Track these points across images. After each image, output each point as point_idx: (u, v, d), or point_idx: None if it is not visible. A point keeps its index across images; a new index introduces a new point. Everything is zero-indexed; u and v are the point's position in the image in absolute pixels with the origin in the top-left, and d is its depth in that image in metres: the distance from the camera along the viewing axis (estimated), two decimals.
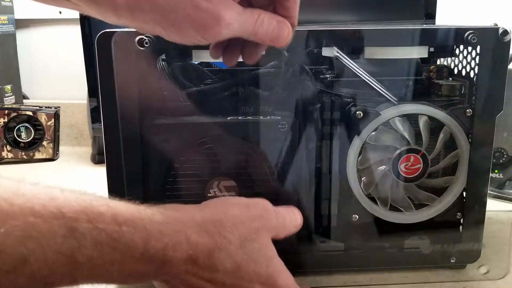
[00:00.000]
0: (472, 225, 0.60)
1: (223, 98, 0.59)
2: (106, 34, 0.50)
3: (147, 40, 0.50)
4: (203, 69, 0.62)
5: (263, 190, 0.58)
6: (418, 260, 0.61)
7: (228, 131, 0.56)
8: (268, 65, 0.61)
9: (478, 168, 0.58)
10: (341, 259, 0.60)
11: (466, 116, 0.57)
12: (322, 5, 0.84)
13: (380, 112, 0.56)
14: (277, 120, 0.56)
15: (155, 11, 0.39)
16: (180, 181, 0.56)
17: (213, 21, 0.40)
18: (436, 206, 0.60)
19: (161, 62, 0.57)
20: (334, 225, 0.62)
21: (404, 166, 0.57)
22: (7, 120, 1.12)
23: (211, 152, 0.56)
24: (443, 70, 0.65)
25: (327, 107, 0.58)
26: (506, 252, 0.66)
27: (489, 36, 0.54)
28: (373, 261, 0.60)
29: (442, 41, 0.55)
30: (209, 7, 0.39)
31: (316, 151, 0.58)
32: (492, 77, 0.55)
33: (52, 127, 1.14)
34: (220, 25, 0.40)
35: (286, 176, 0.57)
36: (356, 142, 0.57)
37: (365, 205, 0.59)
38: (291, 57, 0.57)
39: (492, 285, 0.58)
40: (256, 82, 0.60)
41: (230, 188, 0.57)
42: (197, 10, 0.39)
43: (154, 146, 0.55)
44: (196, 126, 0.56)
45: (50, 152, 1.15)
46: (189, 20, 0.40)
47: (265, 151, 0.56)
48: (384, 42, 0.54)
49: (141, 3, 0.39)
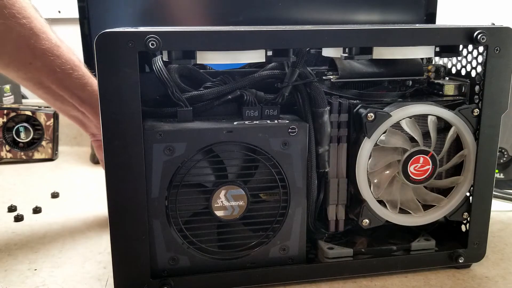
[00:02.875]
0: (478, 224, 0.60)
1: (226, 102, 0.56)
2: (106, 35, 0.46)
3: (153, 41, 0.46)
4: (202, 72, 0.59)
5: (272, 197, 0.56)
6: (426, 261, 0.60)
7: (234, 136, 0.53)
8: (269, 67, 0.59)
9: (485, 167, 0.58)
10: (350, 265, 0.58)
11: (474, 115, 0.56)
12: (322, 6, 0.83)
13: (390, 113, 0.55)
14: (286, 125, 0.54)
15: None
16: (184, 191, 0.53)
17: None
18: (444, 207, 0.59)
19: (158, 63, 0.54)
20: (343, 231, 0.60)
21: (414, 168, 0.56)
22: (6, 120, 1.12)
23: (217, 159, 0.53)
24: (440, 70, 0.65)
25: (335, 109, 0.56)
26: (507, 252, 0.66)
27: (499, 35, 0.54)
28: (382, 266, 0.59)
29: (450, 40, 0.54)
30: None
31: (325, 155, 0.56)
32: (500, 76, 0.55)
33: (51, 127, 1.13)
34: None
35: (297, 182, 0.55)
36: (366, 145, 0.55)
37: (376, 209, 0.57)
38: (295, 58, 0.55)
39: (492, 285, 0.58)
40: (259, 84, 0.57)
41: (238, 197, 0.54)
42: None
43: (155, 151, 0.51)
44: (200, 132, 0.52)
45: (49, 152, 1.14)
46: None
47: (275, 157, 0.54)
48: (393, 42, 0.53)
49: None
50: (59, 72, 0.63)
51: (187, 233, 0.54)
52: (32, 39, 0.60)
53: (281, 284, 0.57)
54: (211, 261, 0.55)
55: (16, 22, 0.58)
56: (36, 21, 0.60)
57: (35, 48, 0.60)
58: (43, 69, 0.62)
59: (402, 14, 0.80)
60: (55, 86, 0.64)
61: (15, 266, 0.62)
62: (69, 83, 0.64)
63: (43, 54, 0.61)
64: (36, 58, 0.61)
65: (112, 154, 0.50)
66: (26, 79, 0.64)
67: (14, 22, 0.58)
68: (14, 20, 0.58)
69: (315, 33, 0.52)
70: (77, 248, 0.67)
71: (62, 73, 0.63)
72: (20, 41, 0.59)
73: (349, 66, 0.60)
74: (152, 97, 0.56)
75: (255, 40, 0.51)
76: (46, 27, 0.62)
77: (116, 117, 0.49)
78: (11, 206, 0.81)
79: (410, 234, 0.62)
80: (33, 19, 0.60)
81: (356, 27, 0.54)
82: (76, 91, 0.65)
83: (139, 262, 0.53)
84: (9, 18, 0.57)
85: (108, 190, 0.51)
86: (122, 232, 0.52)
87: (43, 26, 0.61)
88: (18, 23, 0.58)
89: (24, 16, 0.59)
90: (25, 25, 0.59)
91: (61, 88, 0.64)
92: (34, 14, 0.60)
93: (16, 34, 0.59)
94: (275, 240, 0.56)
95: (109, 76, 0.47)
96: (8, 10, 0.57)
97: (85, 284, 0.58)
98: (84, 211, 0.81)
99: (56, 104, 0.68)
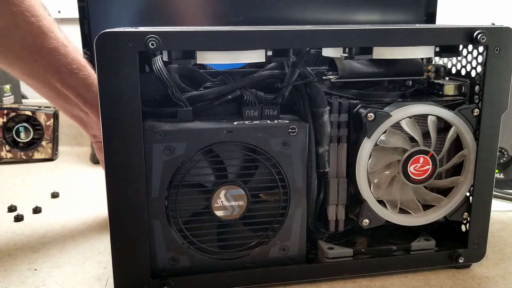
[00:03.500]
0: (478, 224, 0.60)
1: (226, 102, 0.56)
2: (106, 35, 0.46)
3: (153, 41, 0.46)
4: (202, 72, 0.59)
5: (272, 197, 0.56)
6: (426, 261, 0.60)
7: (234, 136, 0.53)
8: (269, 67, 0.59)
9: (485, 167, 0.58)
10: (350, 265, 0.58)
11: (474, 115, 0.56)
12: (322, 6, 0.83)
13: (390, 113, 0.55)
14: (286, 125, 0.54)
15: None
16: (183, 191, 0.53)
17: None
18: (444, 207, 0.59)
19: (158, 63, 0.54)
20: (343, 231, 0.60)
21: (414, 168, 0.56)
22: (6, 120, 1.12)
23: (217, 159, 0.53)
24: (440, 70, 0.65)
25: (334, 109, 0.56)
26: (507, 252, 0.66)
27: (499, 35, 0.54)
28: (382, 266, 0.59)
29: (450, 40, 0.54)
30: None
31: (325, 155, 0.56)
32: (500, 76, 0.55)
33: (51, 127, 1.13)
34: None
35: (297, 182, 0.55)
36: (366, 145, 0.55)
37: (376, 209, 0.57)
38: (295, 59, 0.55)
39: (492, 285, 0.58)
40: (259, 84, 0.57)
41: (238, 197, 0.54)
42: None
43: (155, 151, 0.51)
44: (200, 132, 0.52)
45: (49, 152, 1.14)
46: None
47: (275, 157, 0.54)
48: (393, 42, 0.53)
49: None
50: (65, 71, 0.62)
51: (187, 233, 0.54)
52: (39, 38, 0.60)
53: (281, 284, 0.57)
54: (211, 261, 0.55)
55: (24, 20, 0.58)
56: (44, 20, 0.60)
57: (42, 47, 0.60)
58: (49, 67, 0.62)
59: (402, 14, 0.80)
60: (60, 84, 0.64)
61: (15, 266, 0.62)
62: (75, 82, 0.64)
63: (49, 53, 0.61)
64: (43, 56, 0.61)
65: (112, 154, 0.50)
66: (31, 76, 0.64)
67: (22, 20, 0.58)
68: (22, 18, 0.58)
69: (315, 33, 0.52)
70: (77, 248, 0.67)
71: (67, 73, 0.63)
72: (27, 39, 0.59)
73: (349, 66, 0.60)
74: (152, 97, 0.56)
75: (255, 40, 0.51)
76: (54, 26, 0.62)
77: (116, 117, 0.49)
78: (11, 206, 0.81)
79: (410, 234, 0.62)
80: (42, 17, 0.60)
81: (356, 27, 0.54)
82: (81, 91, 0.65)
83: (139, 262, 0.53)
84: (17, 16, 0.57)
85: (108, 190, 0.51)
86: (122, 232, 0.52)
87: (51, 25, 0.61)
88: (26, 21, 0.58)
89: (33, 14, 0.58)
90: (33, 24, 0.58)
91: (66, 87, 0.64)
92: (42, 13, 0.60)
93: (23, 32, 0.59)
94: (275, 240, 0.56)
95: (109, 76, 0.47)
96: (17, 7, 0.57)
97: (85, 284, 0.58)
98: (84, 211, 0.81)
99: (59, 102, 0.68)
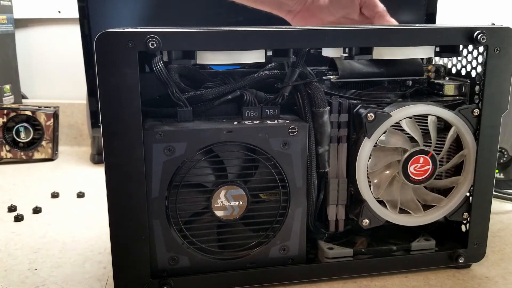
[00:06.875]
0: (478, 224, 0.60)
1: (226, 102, 0.56)
2: (106, 35, 0.46)
3: (153, 41, 0.46)
4: (202, 72, 0.59)
5: (272, 197, 0.56)
6: (426, 261, 0.60)
7: (234, 136, 0.53)
8: (269, 67, 0.59)
9: (485, 167, 0.58)
10: (350, 265, 0.58)
11: (474, 115, 0.56)
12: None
13: (390, 113, 0.55)
14: (286, 125, 0.54)
15: None
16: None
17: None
18: (444, 207, 0.59)
19: (158, 63, 0.54)
20: (343, 231, 0.60)
21: (414, 168, 0.56)
22: (6, 120, 1.12)
23: (217, 160, 0.53)
24: (441, 70, 0.65)
25: (335, 109, 0.56)
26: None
27: (499, 35, 0.54)
28: (382, 266, 0.59)
29: (450, 40, 0.54)
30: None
31: (325, 155, 0.56)
32: (500, 76, 0.55)
33: (51, 127, 1.14)
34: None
35: (297, 182, 0.55)
36: (366, 145, 0.55)
37: (376, 209, 0.57)
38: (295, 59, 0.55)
39: (492, 285, 0.58)
40: (259, 84, 0.57)
41: (238, 197, 0.54)
42: None
43: (155, 151, 0.51)
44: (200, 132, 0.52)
45: (49, 152, 1.14)
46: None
47: (275, 157, 0.54)
48: (393, 42, 0.53)
49: None
50: None
51: (187, 233, 0.54)
52: None
53: (281, 284, 0.57)
54: (211, 261, 0.55)
55: None
56: None
57: None
58: None
59: (402, 14, 0.80)
60: None
61: (15, 266, 0.62)
62: None
63: None
64: None
65: (112, 154, 0.50)
66: None
67: None
68: None
69: (315, 33, 0.52)
70: (77, 248, 0.67)
71: None
72: None
73: (349, 66, 0.60)
74: (152, 97, 0.56)
75: (255, 40, 0.51)
76: None
77: (116, 117, 0.49)
78: (11, 206, 0.81)
79: (410, 234, 0.62)
80: None
81: (356, 27, 0.54)
82: None
83: (139, 262, 0.53)
84: None
85: (108, 190, 0.51)
86: (122, 232, 0.52)
87: None
88: None
89: None
90: None
91: None
92: None
93: None
94: (275, 240, 0.56)
95: (109, 76, 0.47)
96: None
97: (85, 284, 0.58)
98: (84, 211, 0.82)
99: None
